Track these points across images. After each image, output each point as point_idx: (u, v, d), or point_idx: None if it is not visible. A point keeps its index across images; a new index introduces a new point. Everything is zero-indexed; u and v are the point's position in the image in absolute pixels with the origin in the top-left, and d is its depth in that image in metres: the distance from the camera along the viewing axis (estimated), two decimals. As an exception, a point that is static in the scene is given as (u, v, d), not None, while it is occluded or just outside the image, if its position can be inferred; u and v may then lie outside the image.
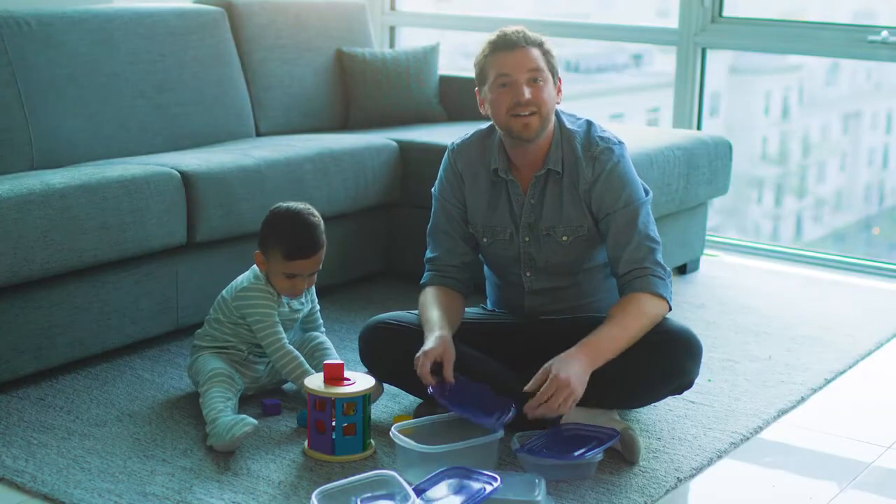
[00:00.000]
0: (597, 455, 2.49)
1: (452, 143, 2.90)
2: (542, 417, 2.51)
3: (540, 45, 2.70)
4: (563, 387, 2.47)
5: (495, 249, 2.84)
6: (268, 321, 2.81)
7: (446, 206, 2.87)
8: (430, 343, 2.60)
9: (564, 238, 2.77)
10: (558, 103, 2.76)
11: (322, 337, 2.99)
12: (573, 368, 2.50)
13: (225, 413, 2.63)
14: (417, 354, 2.59)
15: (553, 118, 2.75)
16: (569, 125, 2.79)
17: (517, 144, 2.74)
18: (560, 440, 2.55)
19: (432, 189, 2.92)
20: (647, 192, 2.79)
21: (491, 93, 2.70)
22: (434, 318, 2.70)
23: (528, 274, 2.83)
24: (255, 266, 2.88)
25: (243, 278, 2.89)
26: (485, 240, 2.84)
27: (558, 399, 2.47)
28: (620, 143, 2.79)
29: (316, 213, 2.86)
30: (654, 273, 2.68)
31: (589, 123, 2.81)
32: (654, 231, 2.75)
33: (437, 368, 2.59)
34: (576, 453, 2.47)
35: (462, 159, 2.86)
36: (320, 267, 2.86)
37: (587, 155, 2.74)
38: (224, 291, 2.91)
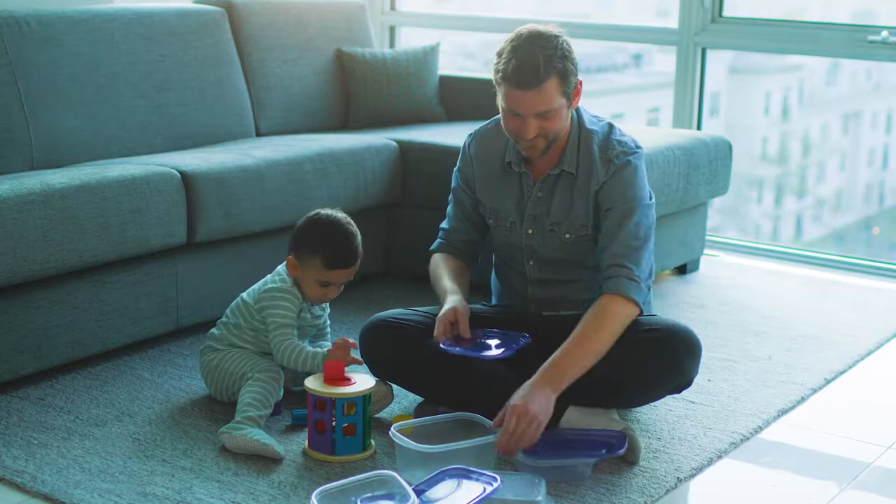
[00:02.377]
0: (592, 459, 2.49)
1: (473, 130, 2.94)
2: (511, 453, 2.48)
3: (558, 72, 2.59)
4: (522, 416, 2.45)
5: (499, 234, 2.87)
6: (287, 320, 2.79)
7: (459, 190, 2.93)
8: (443, 309, 2.70)
9: (567, 236, 2.77)
10: (576, 106, 2.73)
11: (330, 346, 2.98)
12: (534, 397, 2.48)
13: (260, 425, 2.63)
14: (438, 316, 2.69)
15: (564, 130, 2.71)
16: (589, 125, 2.77)
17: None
18: (563, 442, 2.54)
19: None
20: (650, 198, 2.77)
21: (501, 108, 2.69)
22: (447, 285, 2.80)
23: (531, 263, 2.83)
24: (279, 269, 2.86)
25: (268, 280, 2.87)
26: (491, 221, 2.87)
27: (520, 430, 2.45)
28: (639, 148, 2.77)
29: (352, 222, 2.85)
30: (629, 276, 2.64)
31: (610, 126, 2.80)
32: (644, 234, 2.69)
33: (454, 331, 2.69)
34: (575, 455, 2.47)
35: (475, 144, 2.89)
36: (353, 277, 2.86)
37: (603, 157, 2.73)
38: (245, 295, 2.89)
